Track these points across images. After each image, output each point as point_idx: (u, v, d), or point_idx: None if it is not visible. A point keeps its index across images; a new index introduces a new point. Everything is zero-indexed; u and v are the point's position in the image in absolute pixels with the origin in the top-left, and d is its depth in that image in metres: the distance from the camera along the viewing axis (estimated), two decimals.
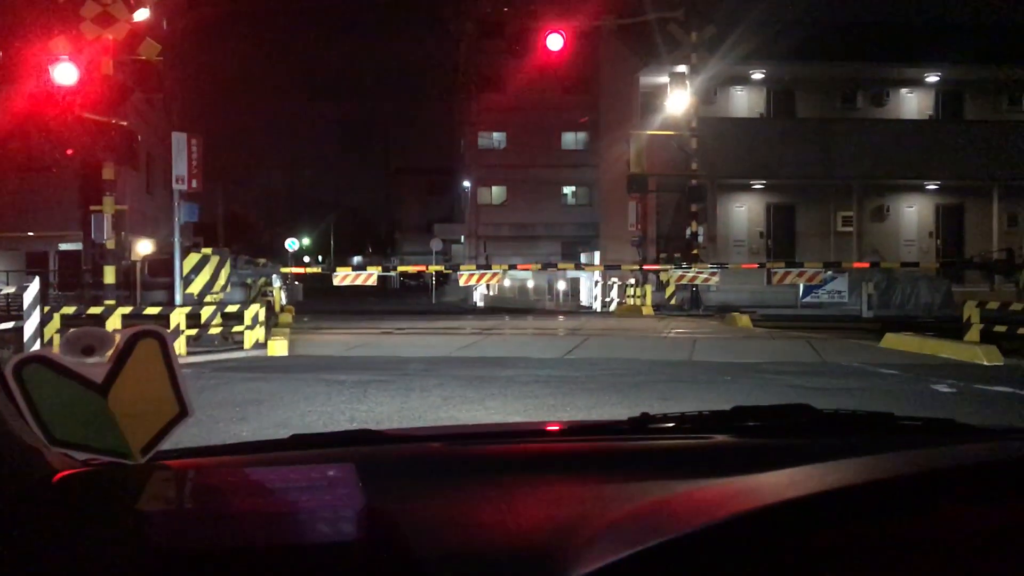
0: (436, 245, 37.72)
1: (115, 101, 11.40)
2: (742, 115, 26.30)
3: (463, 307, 29.40)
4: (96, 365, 0.92)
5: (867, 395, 7.28)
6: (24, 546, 0.79)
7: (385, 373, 8.51)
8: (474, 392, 7.18)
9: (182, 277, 12.00)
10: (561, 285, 30.31)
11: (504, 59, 33.14)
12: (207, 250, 12.88)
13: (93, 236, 12.52)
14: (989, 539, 0.72)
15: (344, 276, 16.13)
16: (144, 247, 23.24)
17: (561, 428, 1.42)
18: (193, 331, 10.91)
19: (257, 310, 11.40)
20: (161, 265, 13.96)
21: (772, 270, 18.57)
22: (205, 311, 11.41)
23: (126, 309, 11.01)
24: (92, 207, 12.48)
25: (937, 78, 26.28)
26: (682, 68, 21.90)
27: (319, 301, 31.59)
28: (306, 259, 44.10)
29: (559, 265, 24.57)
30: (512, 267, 19.44)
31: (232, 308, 11.62)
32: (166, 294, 12.89)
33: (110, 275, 12.25)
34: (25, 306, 9.57)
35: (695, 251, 21.26)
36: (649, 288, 21.32)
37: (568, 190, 41.15)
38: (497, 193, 41.33)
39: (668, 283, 19.87)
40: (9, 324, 10.18)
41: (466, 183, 42.53)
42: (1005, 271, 17.64)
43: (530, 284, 32.83)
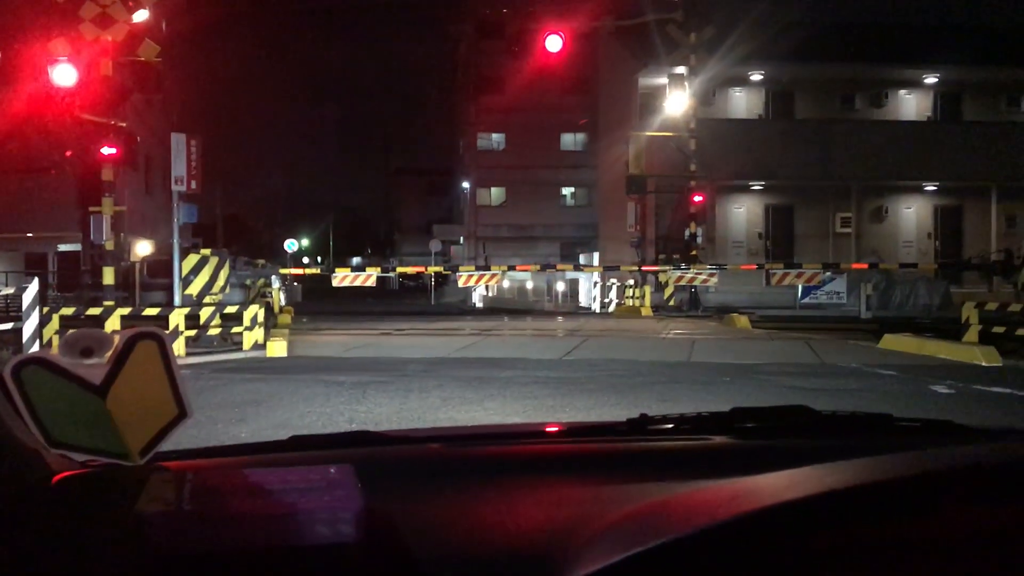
0: (435, 246, 37.72)
1: (114, 102, 11.40)
2: (741, 116, 26.32)
3: (462, 308, 29.40)
4: (95, 367, 0.92)
5: (866, 396, 7.29)
6: (23, 548, 0.79)
7: (384, 374, 8.51)
8: (473, 393, 7.17)
9: (181, 278, 11.99)
10: (560, 286, 30.31)
11: (503, 60, 33.16)
12: (206, 251, 12.87)
13: (92, 237, 12.51)
14: (988, 540, 0.72)
15: (343, 277, 16.12)
16: (143, 248, 23.22)
17: (560, 429, 1.42)
18: (192, 332, 10.91)
19: (256, 311, 11.40)
20: (160, 266, 13.93)
21: (771, 271, 18.58)
22: (204, 312, 11.40)
23: (125, 310, 11.01)
24: (91, 208, 12.46)
25: (936, 79, 26.31)
26: (681, 69, 21.91)
27: (318, 302, 31.58)
28: (305, 260, 44.07)
29: (558, 266, 24.57)
30: (511, 268, 19.42)
31: (231, 309, 11.61)
32: (165, 295, 12.88)
33: (109, 276, 12.24)
34: (24, 307, 9.57)
35: (694, 252, 21.26)
36: (648, 289, 21.33)
37: (567, 191, 41.16)
38: (496, 194, 41.34)
39: (667, 284, 19.86)
40: (8, 325, 10.17)
41: (465, 184, 42.54)
42: (1003, 272, 17.64)
43: (529, 285, 32.83)
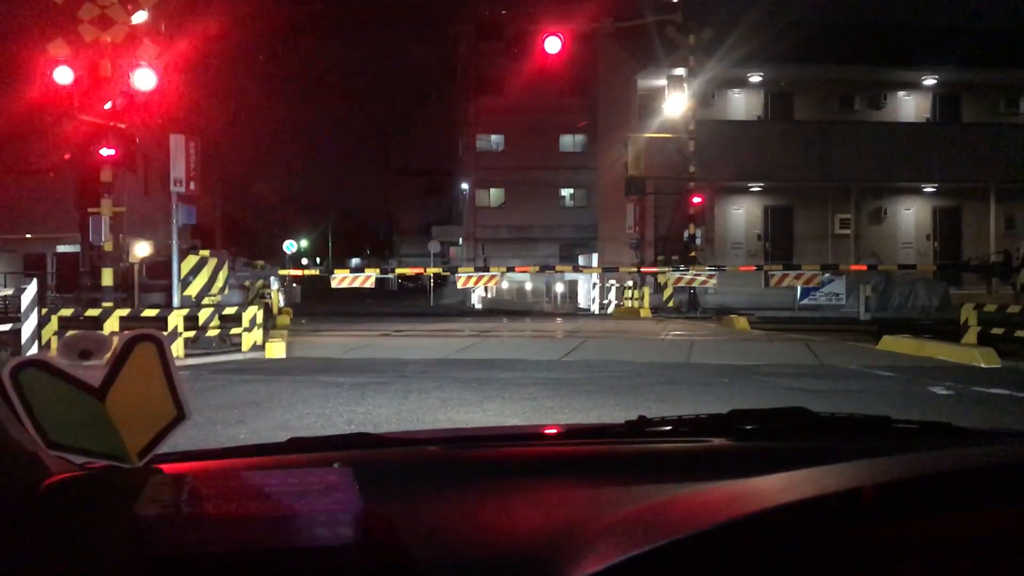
0: (434, 247, 37.73)
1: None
2: (740, 118, 26.34)
3: (461, 309, 29.39)
4: (93, 369, 0.92)
5: (864, 397, 7.29)
6: (22, 550, 0.79)
7: (383, 375, 8.51)
8: (472, 394, 7.17)
9: (180, 279, 11.99)
10: (559, 287, 30.33)
11: (503, 61, 33.23)
12: (205, 252, 12.87)
13: (91, 238, 12.51)
14: (987, 541, 0.72)
15: (342, 278, 16.12)
16: (142, 249, 23.20)
17: (559, 431, 1.42)
18: (191, 333, 10.90)
19: (255, 312, 11.39)
20: (159, 267, 13.92)
21: (770, 272, 18.58)
22: (203, 313, 11.40)
23: (124, 311, 11.00)
24: (90, 209, 12.46)
25: (934, 81, 26.34)
26: (680, 71, 21.93)
27: (317, 303, 31.57)
28: (304, 261, 44.08)
29: (557, 267, 24.59)
30: (510, 269, 19.42)
31: (230, 310, 11.61)
32: (164, 296, 12.87)
33: (108, 277, 12.23)
34: (23, 308, 9.56)
35: (693, 253, 21.27)
36: (647, 290, 21.34)
37: (566, 192, 41.18)
38: (495, 195, 41.35)
39: (666, 285, 19.87)
40: (7, 326, 10.17)
41: (464, 185, 42.56)
42: (1002, 273, 17.65)
43: (528, 286, 32.85)
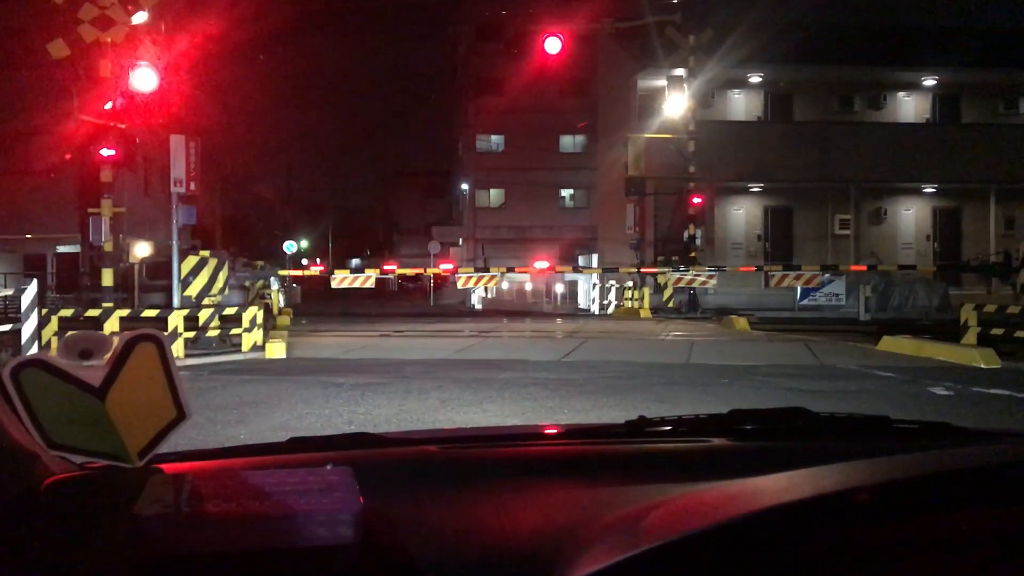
0: (434, 248, 37.70)
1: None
2: (740, 118, 26.34)
3: (461, 310, 29.39)
4: (94, 369, 0.92)
5: (864, 398, 7.29)
6: (22, 549, 0.79)
7: (383, 376, 8.51)
8: (472, 395, 7.17)
9: (180, 280, 11.99)
10: (559, 288, 30.32)
11: (503, 62, 33.23)
12: (205, 252, 12.87)
13: (91, 238, 12.52)
14: (986, 542, 0.72)
15: (342, 279, 16.13)
16: (142, 249, 23.19)
17: (558, 431, 1.42)
18: (191, 333, 10.90)
19: (255, 313, 11.39)
20: (159, 268, 13.92)
21: (770, 273, 18.59)
22: (203, 313, 11.40)
23: (124, 311, 11.00)
24: (90, 209, 12.47)
25: (934, 81, 26.34)
26: (680, 71, 21.94)
27: (317, 303, 31.56)
28: (304, 261, 44.06)
29: (557, 268, 24.58)
30: (510, 269, 19.42)
31: (230, 310, 11.61)
32: (164, 296, 12.87)
33: (108, 277, 12.23)
34: (23, 308, 9.56)
35: (693, 254, 21.28)
36: (647, 291, 21.34)
37: (566, 193, 41.18)
38: (495, 196, 41.35)
39: (666, 286, 19.87)
40: (7, 326, 10.17)
41: (464, 186, 42.55)
42: (1002, 274, 17.65)
43: (528, 287, 32.85)
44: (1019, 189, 24.68)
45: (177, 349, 10.25)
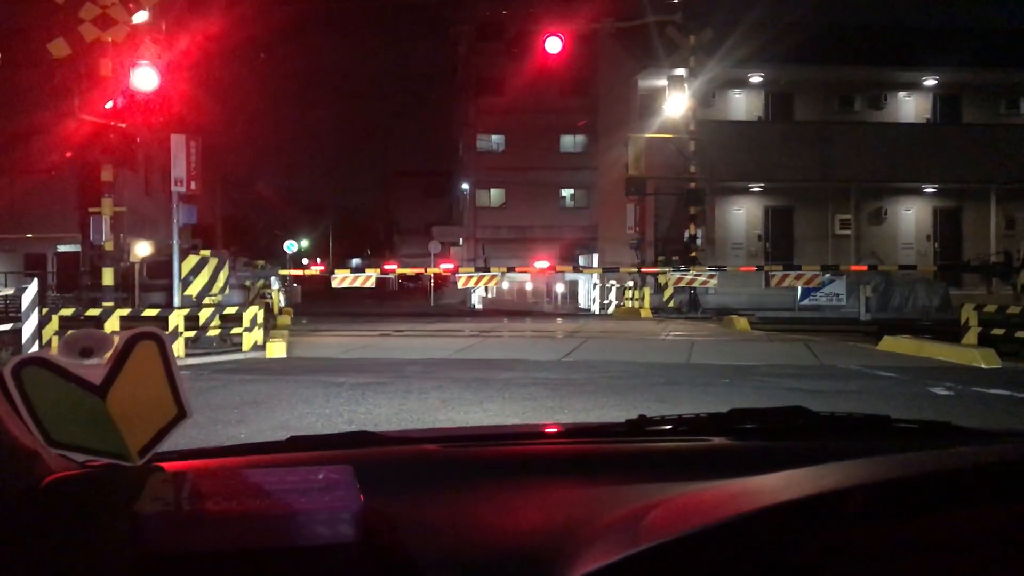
0: (434, 247, 37.70)
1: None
2: (740, 118, 26.34)
3: (461, 309, 29.39)
4: (95, 367, 0.92)
5: (864, 398, 7.28)
6: (22, 548, 0.79)
7: (383, 375, 8.51)
8: (472, 394, 7.17)
9: (181, 279, 11.99)
10: (560, 288, 30.32)
11: (503, 62, 33.21)
12: (206, 252, 12.87)
13: (91, 238, 12.51)
14: (986, 541, 0.72)
15: (342, 278, 16.13)
16: (143, 249, 23.20)
17: (559, 430, 1.42)
18: (192, 333, 10.91)
19: (255, 312, 11.40)
20: (160, 267, 13.92)
21: (770, 273, 18.59)
22: (204, 313, 11.40)
23: (124, 311, 11.00)
24: (90, 209, 12.47)
25: (935, 82, 26.34)
26: (680, 71, 21.93)
27: (318, 303, 31.57)
28: (304, 261, 44.06)
29: (557, 267, 24.58)
30: (510, 269, 19.42)
31: (231, 310, 11.61)
32: (165, 296, 12.87)
33: (108, 277, 12.23)
34: (23, 308, 9.56)
35: (693, 254, 21.28)
36: (647, 291, 21.34)
37: (567, 192, 41.17)
38: (496, 195, 41.34)
39: (666, 286, 19.87)
40: (7, 326, 10.16)
41: (465, 185, 42.54)
42: (1003, 274, 17.66)
43: (528, 287, 32.84)
44: (1020, 189, 24.67)
45: (178, 348, 10.25)
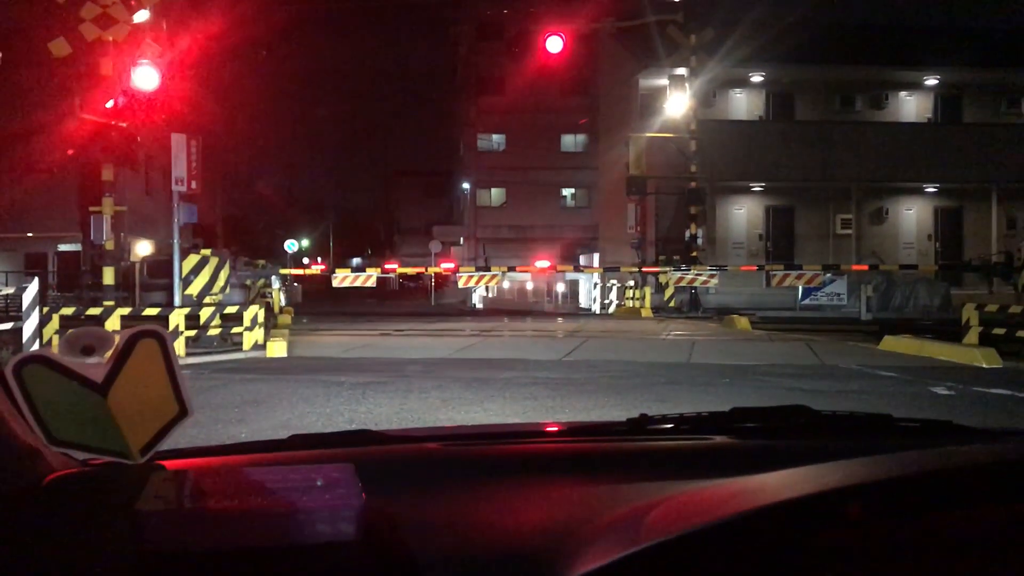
0: (435, 247, 37.71)
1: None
2: (741, 118, 26.33)
3: (462, 309, 29.39)
4: (96, 365, 0.92)
5: (865, 397, 7.28)
6: (23, 546, 0.79)
7: (384, 375, 8.51)
8: (473, 394, 7.17)
9: (181, 278, 11.99)
10: (560, 287, 30.31)
11: (504, 61, 33.23)
12: (206, 251, 12.88)
13: (92, 237, 12.52)
14: (988, 540, 0.72)
15: (343, 278, 16.13)
16: (143, 248, 23.23)
17: (560, 429, 1.42)
18: (192, 332, 10.91)
19: (256, 311, 11.40)
20: (160, 266, 13.95)
21: (771, 272, 18.59)
22: (204, 312, 11.40)
23: (125, 310, 11.01)
24: (91, 208, 12.48)
25: (936, 81, 26.32)
26: (681, 71, 21.93)
27: (318, 303, 31.58)
28: (305, 260, 44.08)
29: (558, 267, 24.58)
30: (511, 269, 19.42)
31: (231, 309, 11.62)
32: (165, 295, 12.88)
33: (109, 276, 12.24)
34: (24, 307, 9.56)
35: (694, 253, 21.27)
36: (648, 290, 21.33)
37: (567, 192, 41.16)
38: (496, 195, 41.34)
39: (667, 285, 19.87)
40: (8, 325, 10.17)
41: (465, 185, 42.53)
42: (1004, 274, 17.65)
43: (529, 286, 32.84)
44: (1021, 189, 24.66)
45: (178, 348, 10.26)
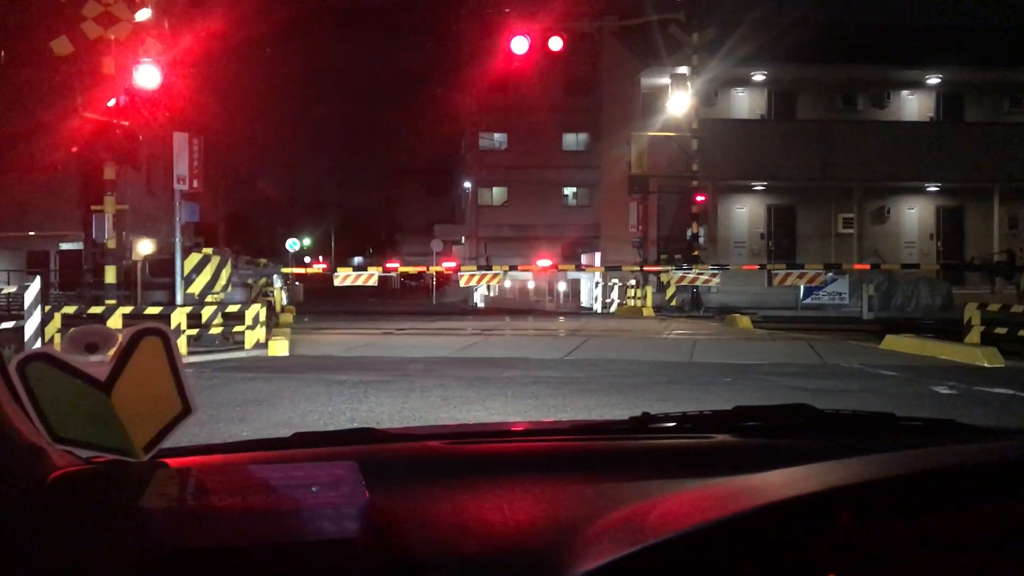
0: (436, 246, 37.69)
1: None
2: (743, 117, 26.32)
3: (464, 308, 29.39)
4: (99, 363, 0.92)
5: (867, 396, 7.28)
6: (27, 544, 0.79)
7: (386, 373, 8.51)
8: (475, 393, 7.18)
9: (183, 277, 12.00)
10: (562, 286, 30.30)
11: (505, 59, 33.17)
12: (208, 250, 12.89)
13: (94, 236, 12.53)
14: (989, 539, 0.72)
15: (344, 276, 16.14)
16: (145, 247, 23.24)
17: (562, 427, 1.42)
18: (194, 331, 10.92)
19: (258, 310, 11.40)
20: (162, 265, 13.95)
21: (773, 272, 18.57)
22: (206, 311, 11.41)
23: (127, 309, 11.02)
24: (93, 207, 12.49)
25: (938, 80, 26.29)
26: (683, 70, 21.91)
27: (320, 301, 31.59)
28: (306, 259, 44.13)
29: (559, 266, 24.57)
30: (512, 268, 19.42)
31: (233, 308, 11.62)
32: (167, 294, 12.89)
33: (111, 275, 12.25)
34: (26, 305, 9.57)
35: (696, 252, 21.26)
36: (650, 289, 21.33)
37: (569, 191, 41.13)
38: (498, 194, 41.32)
39: (669, 284, 19.87)
40: (10, 323, 10.18)
41: (467, 184, 42.51)
42: (1006, 273, 17.64)
43: (531, 285, 32.82)
44: (1023, 188, 24.63)
45: (180, 346, 10.24)
